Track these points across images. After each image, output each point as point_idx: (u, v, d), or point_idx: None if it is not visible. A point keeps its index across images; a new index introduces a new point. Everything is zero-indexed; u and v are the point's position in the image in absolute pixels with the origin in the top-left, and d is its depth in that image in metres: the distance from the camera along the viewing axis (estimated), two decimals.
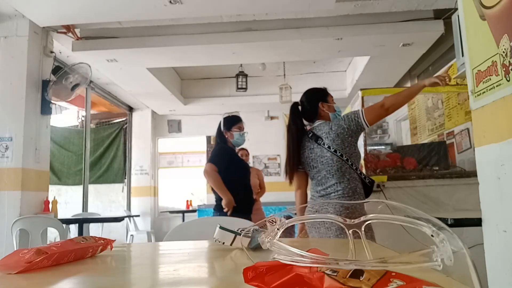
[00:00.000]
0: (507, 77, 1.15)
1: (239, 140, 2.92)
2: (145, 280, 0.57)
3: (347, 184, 1.97)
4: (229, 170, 2.81)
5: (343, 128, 1.99)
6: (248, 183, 2.97)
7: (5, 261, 0.58)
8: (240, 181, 2.87)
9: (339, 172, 1.98)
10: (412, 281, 0.27)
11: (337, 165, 1.98)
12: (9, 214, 3.26)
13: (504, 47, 1.15)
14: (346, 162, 1.99)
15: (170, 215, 6.79)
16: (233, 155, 2.94)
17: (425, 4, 3.63)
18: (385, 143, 5.82)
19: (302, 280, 0.31)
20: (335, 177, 1.99)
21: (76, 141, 6.62)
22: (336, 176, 1.99)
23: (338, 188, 1.98)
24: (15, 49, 3.51)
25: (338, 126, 2.01)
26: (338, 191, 1.97)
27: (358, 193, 1.98)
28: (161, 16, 3.56)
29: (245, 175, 2.95)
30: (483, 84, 1.28)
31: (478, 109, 1.31)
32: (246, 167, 3.05)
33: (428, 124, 4.56)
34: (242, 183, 2.89)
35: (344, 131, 1.99)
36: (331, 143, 2.00)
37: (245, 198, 2.88)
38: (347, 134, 1.99)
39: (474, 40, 1.34)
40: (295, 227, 2.04)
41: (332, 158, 1.99)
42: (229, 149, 2.91)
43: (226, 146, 2.90)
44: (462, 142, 3.73)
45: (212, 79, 6.61)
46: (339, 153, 1.99)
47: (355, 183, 1.99)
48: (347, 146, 1.99)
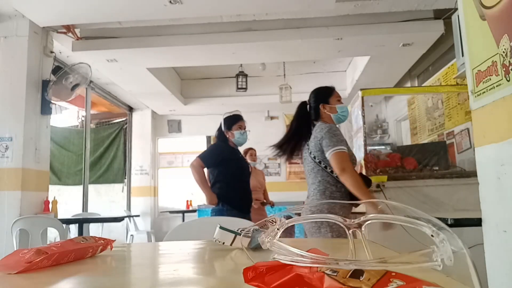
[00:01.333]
0: (507, 77, 1.15)
1: (240, 139, 2.86)
2: (145, 280, 0.57)
3: (317, 186, 2.02)
4: (222, 167, 2.79)
5: (316, 142, 2.04)
6: (245, 181, 2.93)
7: (5, 261, 0.58)
8: (234, 179, 2.81)
9: (312, 173, 2.06)
10: (412, 281, 0.27)
11: (311, 166, 2.06)
12: (9, 214, 3.26)
13: (504, 47, 1.15)
14: (318, 164, 2.03)
15: (170, 215, 6.79)
16: (228, 153, 2.86)
17: (425, 4, 3.63)
18: (385, 143, 5.82)
19: (302, 280, 0.31)
20: (310, 178, 2.08)
21: (76, 141, 6.62)
22: (311, 177, 2.07)
23: (311, 189, 2.06)
24: (15, 49, 3.51)
25: (314, 137, 2.06)
26: (311, 192, 2.06)
27: (328, 196, 1.98)
28: (161, 16, 3.56)
29: (241, 174, 2.89)
30: (483, 84, 1.28)
31: (478, 109, 1.31)
32: (244, 167, 3.00)
33: (428, 124, 4.56)
34: (238, 181, 2.84)
35: (316, 145, 2.04)
36: (310, 145, 2.08)
37: (242, 196, 2.85)
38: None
39: (474, 40, 1.34)
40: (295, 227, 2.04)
41: (309, 159, 2.08)
42: (224, 147, 2.86)
43: (222, 144, 2.86)
44: (462, 142, 3.73)
45: (212, 79, 6.61)
46: (312, 155, 2.05)
47: (326, 185, 2.00)
48: (323, 152, 2.02)
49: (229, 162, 2.82)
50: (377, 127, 6.27)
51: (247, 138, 2.90)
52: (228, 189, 2.78)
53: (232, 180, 2.80)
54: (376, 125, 6.30)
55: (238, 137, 2.84)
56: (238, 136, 2.84)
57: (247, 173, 2.99)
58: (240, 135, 2.85)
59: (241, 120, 2.90)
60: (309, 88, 2.26)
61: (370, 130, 6.11)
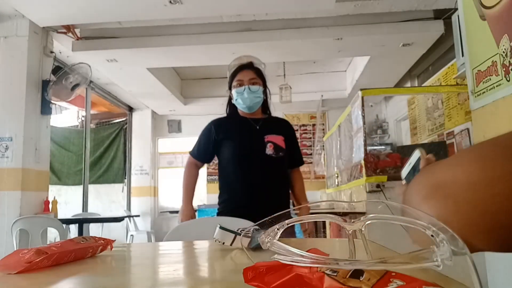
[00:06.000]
0: (507, 77, 1.15)
1: (242, 100, 1.82)
2: (145, 280, 0.57)
3: None
4: (219, 155, 1.88)
5: None
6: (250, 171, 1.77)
7: (5, 261, 0.58)
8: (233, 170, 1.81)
9: None
10: (412, 281, 0.27)
11: None
12: (9, 214, 3.26)
13: (504, 47, 1.15)
14: None
15: (170, 215, 6.78)
16: (224, 130, 1.86)
17: (425, 4, 3.64)
18: (385, 143, 5.82)
19: (302, 280, 0.31)
20: None
21: (76, 141, 6.63)
22: None
23: None
24: (15, 49, 3.51)
25: None
26: None
27: None
28: (161, 16, 3.56)
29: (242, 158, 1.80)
30: (483, 84, 1.28)
31: (478, 109, 1.31)
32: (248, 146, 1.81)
33: (428, 124, 4.56)
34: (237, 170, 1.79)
35: None
36: None
37: (245, 194, 1.77)
38: None
39: (474, 40, 1.34)
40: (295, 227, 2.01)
41: None
42: (219, 122, 1.89)
43: (219, 119, 1.92)
44: (462, 142, 3.73)
45: (212, 79, 6.61)
46: None
47: None
48: None
49: (225, 143, 1.84)
50: (377, 127, 6.27)
51: (254, 98, 1.82)
52: (226, 188, 1.86)
53: (231, 172, 1.82)
54: (376, 125, 6.30)
55: (237, 97, 1.83)
56: (237, 96, 1.83)
57: (254, 156, 1.79)
58: (238, 96, 1.82)
59: (240, 71, 1.87)
60: (309, 88, 2.25)
61: (370, 130, 6.12)
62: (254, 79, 1.85)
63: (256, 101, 1.85)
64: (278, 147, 1.83)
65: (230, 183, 1.85)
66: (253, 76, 1.85)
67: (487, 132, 1.26)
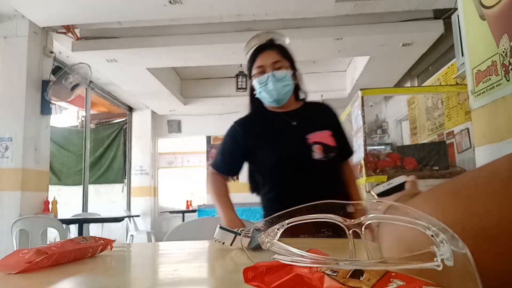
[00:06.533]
0: (507, 77, 1.15)
1: (267, 93, 1.42)
2: (145, 280, 0.57)
3: None
4: (251, 163, 1.49)
5: None
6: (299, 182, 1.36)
7: (5, 261, 0.58)
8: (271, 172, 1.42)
9: None
10: (412, 281, 0.27)
11: None
12: (9, 214, 3.27)
13: (504, 47, 1.15)
14: None
15: (170, 215, 6.79)
16: (252, 133, 1.45)
17: (425, 4, 3.64)
18: (385, 143, 5.83)
19: (302, 280, 0.31)
20: None
21: (76, 141, 6.63)
22: None
23: None
24: (15, 49, 3.51)
25: None
26: None
27: None
28: (161, 16, 3.57)
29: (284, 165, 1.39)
30: (483, 84, 1.28)
31: (478, 109, 1.31)
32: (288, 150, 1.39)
33: (428, 124, 4.56)
34: (278, 186, 1.40)
35: None
36: None
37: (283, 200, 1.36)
38: None
39: (474, 40, 1.34)
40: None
41: None
42: (242, 124, 1.48)
43: (244, 118, 1.52)
44: (462, 142, 3.73)
45: (212, 79, 6.61)
46: None
47: None
48: None
49: (257, 151, 1.43)
50: (377, 127, 6.28)
51: (284, 85, 1.42)
52: (268, 208, 1.44)
53: (270, 188, 1.43)
54: (376, 125, 6.30)
55: (260, 91, 1.43)
56: (260, 90, 1.43)
57: (299, 164, 1.38)
58: (262, 87, 1.42)
59: (259, 53, 1.44)
60: (309, 88, 2.25)
61: (370, 130, 6.12)
62: (278, 62, 1.41)
63: (286, 91, 1.42)
64: (328, 147, 1.38)
65: (272, 201, 1.41)
66: (277, 58, 1.41)
67: (487, 132, 1.26)
